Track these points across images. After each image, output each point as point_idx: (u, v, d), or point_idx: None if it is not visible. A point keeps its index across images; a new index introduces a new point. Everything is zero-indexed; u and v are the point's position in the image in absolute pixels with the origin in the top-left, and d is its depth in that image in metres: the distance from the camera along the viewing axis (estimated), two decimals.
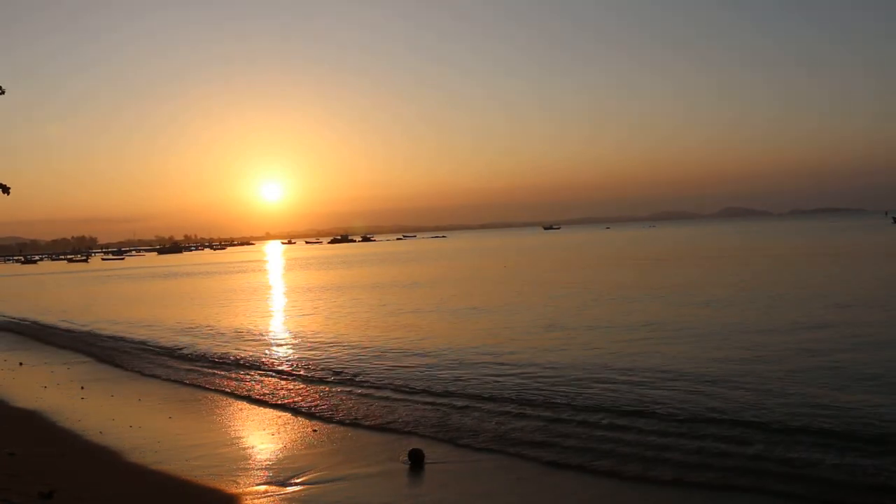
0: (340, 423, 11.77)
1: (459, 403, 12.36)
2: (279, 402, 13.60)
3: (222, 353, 19.42)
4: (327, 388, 14.36)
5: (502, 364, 15.51)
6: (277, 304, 34.96)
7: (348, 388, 14.19)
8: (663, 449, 9.45)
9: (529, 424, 10.89)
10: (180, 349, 20.77)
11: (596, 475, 8.74)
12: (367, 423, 11.66)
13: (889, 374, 12.67)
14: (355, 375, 15.29)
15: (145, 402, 13.91)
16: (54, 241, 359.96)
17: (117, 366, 18.82)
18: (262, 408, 13.23)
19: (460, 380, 14.19)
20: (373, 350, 18.43)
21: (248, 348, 20.18)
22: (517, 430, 10.63)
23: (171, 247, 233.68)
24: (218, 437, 11.13)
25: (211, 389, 15.08)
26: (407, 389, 13.71)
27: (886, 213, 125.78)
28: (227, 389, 14.98)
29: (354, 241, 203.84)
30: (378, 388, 14.05)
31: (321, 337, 21.43)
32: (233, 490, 8.60)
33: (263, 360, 18.18)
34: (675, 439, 9.80)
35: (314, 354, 18.38)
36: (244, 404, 13.57)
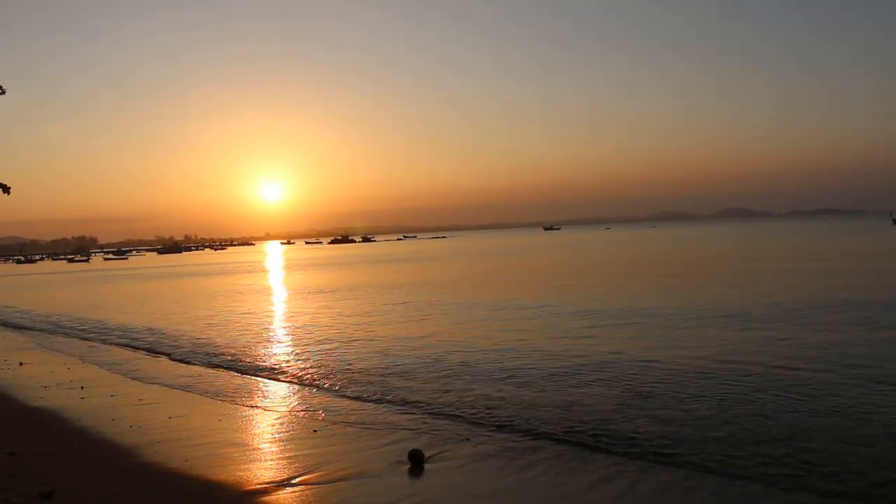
0: (341, 423, 11.75)
1: (461, 405, 12.36)
2: (280, 402, 13.60)
3: (224, 354, 19.42)
4: (328, 389, 14.35)
5: (507, 366, 15.51)
6: (281, 305, 34.96)
7: (350, 390, 14.17)
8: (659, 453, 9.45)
9: (530, 424, 10.90)
10: (182, 350, 20.76)
11: (599, 475, 8.75)
12: (368, 424, 11.64)
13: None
14: (357, 377, 15.29)
15: (145, 403, 13.89)
16: (54, 241, 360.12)
17: (118, 366, 18.79)
18: (262, 409, 13.22)
19: (462, 382, 14.19)
20: (375, 351, 18.42)
21: (249, 349, 20.17)
22: (518, 432, 10.64)
23: (172, 247, 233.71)
24: (218, 437, 11.12)
25: (212, 390, 15.06)
26: (408, 391, 13.70)
27: (891, 214, 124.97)
28: (228, 390, 14.97)
29: (355, 242, 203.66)
30: (379, 389, 14.04)
31: (324, 338, 21.43)
32: (233, 490, 8.59)
33: (265, 360, 18.17)
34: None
35: (316, 356, 18.37)
36: (245, 405, 13.55)
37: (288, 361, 17.75)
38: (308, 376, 15.72)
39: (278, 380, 15.64)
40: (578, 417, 11.10)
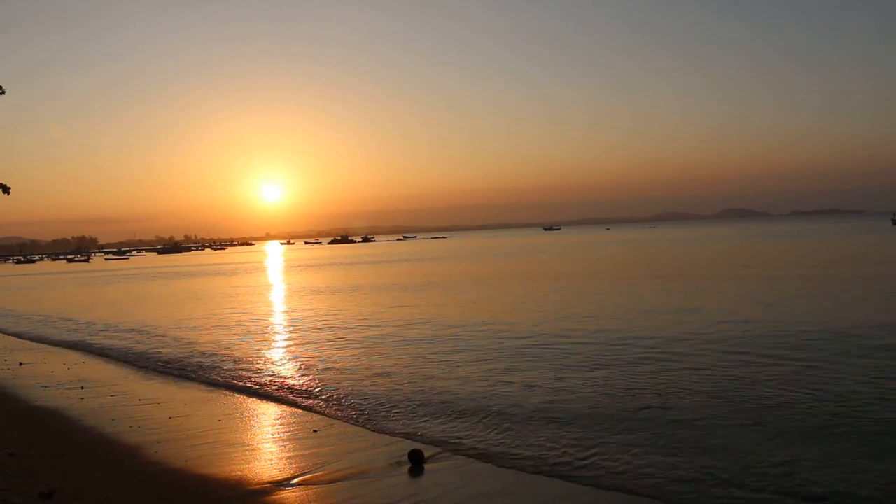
0: (341, 423, 11.77)
1: (461, 406, 12.36)
2: (280, 403, 13.60)
3: (224, 355, 19.40)
4: (328, 390, 14.34)
5: (507, 368, 15.52)
6: (280, 306, 34.96)
7: (349, 390, 14.17)
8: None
9: (530, 425, 10.90)
10: (182, 350, 20.74)
11: (598, 476, 8.74)
12: (368, 424, 11.65)
13: None
14: (357, 377, 15.29)
15: (145, 403, 13.89)
16: (54, 241, 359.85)
17: (118, 366, 18.81)
18: (262, 409, 13.23)
19: (462, 383, 14.20)
20: (375, 353, 18.43)
21: (249, 350, 20.17)
22: (517, 431, 10.63)
23: (172, 247, 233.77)
24: (218, 437, 11.12)
25: (212, 391, 15.07)
26: (408, 392, 13.71)
27: (891, 215, 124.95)
28: (228, 391, 14.98)
29: (355, 242, 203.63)
30: (379, 389, 14.05)
31: (324, 339, 21.43)
32: (233, 490, 8.59)
33: (265, 361, 18.17)
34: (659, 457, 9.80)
35: (316, 356, 18.37)
36: (245, 405, 13.56)
37: (288, 362, 17.74)
38: (308, 377, 15.70)
39: (278, 380, 15.62)
40: (580, 422, 11.10)
